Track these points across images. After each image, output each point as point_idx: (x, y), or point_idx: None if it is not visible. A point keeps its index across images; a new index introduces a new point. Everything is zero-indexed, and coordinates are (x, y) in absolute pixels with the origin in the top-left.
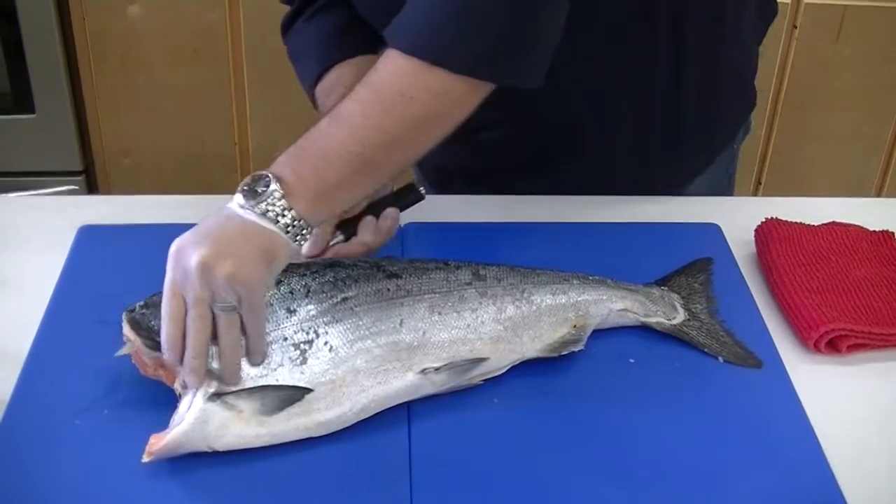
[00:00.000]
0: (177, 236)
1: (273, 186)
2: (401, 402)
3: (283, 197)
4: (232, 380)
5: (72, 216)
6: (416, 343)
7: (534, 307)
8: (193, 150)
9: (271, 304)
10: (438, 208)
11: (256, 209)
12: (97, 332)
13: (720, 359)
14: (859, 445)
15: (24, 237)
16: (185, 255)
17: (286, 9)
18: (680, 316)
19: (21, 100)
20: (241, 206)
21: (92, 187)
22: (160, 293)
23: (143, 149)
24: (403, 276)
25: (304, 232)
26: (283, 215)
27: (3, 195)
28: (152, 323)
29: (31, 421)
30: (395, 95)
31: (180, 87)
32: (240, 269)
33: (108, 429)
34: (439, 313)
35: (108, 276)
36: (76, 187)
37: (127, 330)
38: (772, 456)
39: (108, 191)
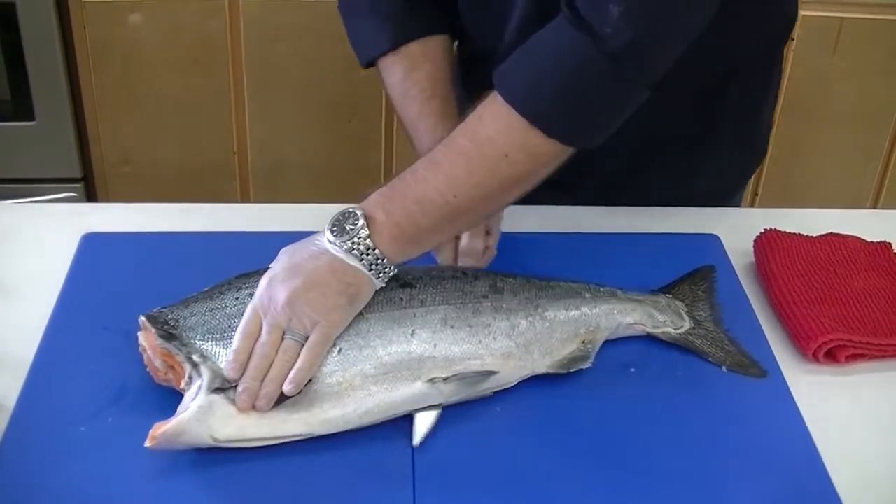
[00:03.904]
0: (181, 244)
1: (360, 224)
2: (407, 410)
3: (368, 236)
4: (262, 405)
5: (74, 224)
6: (426, 354)
7: (546, 323)
8: (192, 159)
9: None
10: None
11: (345, 245)
12: (102, 339)
13: (724, 368)
14: (858, 455)
15: (27, 244)
16: (275, 286)
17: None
18: (686, 325)
19: (21, 107)
20: (331, 242)
21: (91, 195)
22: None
23: (143, 157)
24: (417, 286)
25: (386, 270)
26: (368, 254)
27: (5, 202)
28: (169, 317)
29: (36, 428)
30: (499, 156)
31: (180, 95)
32: (323, 303)
33: (112, 436)
34: (451, 326)
35: (113, 284)
36: (75, 195)
37: (142, 339)
38: (771, 465)
39: (108, 199)
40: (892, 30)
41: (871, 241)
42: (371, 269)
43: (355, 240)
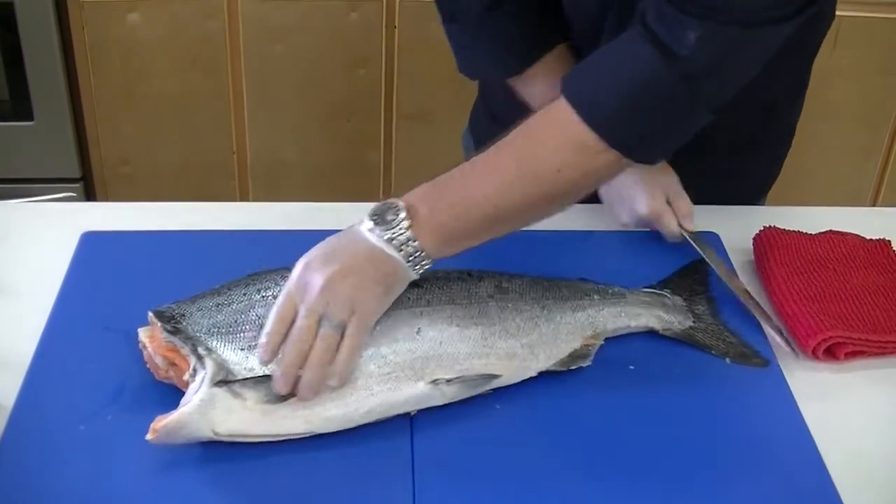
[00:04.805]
0: (180, 243)
1: (402, 216)
2: (408, 410)
3: (409, 228)
4: (305, 394)
5: (72, 223)
6: (431, 353)
7: (552, 324)
8: (191, 159)
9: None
10: None
11: (384, 236)
12: (101, 338)
13: (727, 360)
14: (857, 452)
15: (26, 244)
16: (311, 271)
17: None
18: (688, 320)
19: (20, 107)
20: (369, 230)
21: (90, 195)
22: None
23: (142, 157)
24: (424, 286)
25: (423, 263)
26: (407, 245)
27: (4, 202)
28: (175, 312)
29: (35, 427)
30: (552, 169)
31: (179, 95)
32: (360, 290)
33: (112, 434)
34: (457, 325)
35: (111, 283)
36: (74, 195)
37: (142, 336)
38: (770, 462)
39: (106, 199)
40: (890, 28)
41: (871, 239)
42: (409, 261)
43: (396, 230)
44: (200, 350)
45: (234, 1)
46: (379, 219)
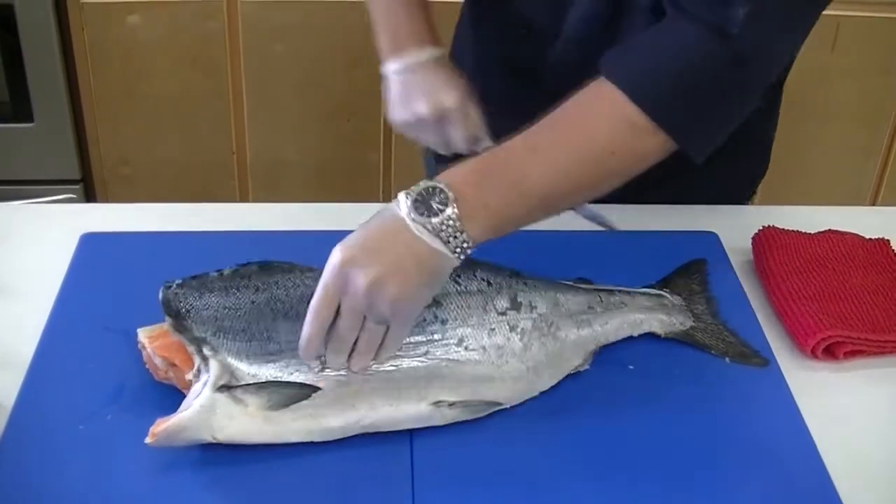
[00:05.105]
0: (179, 244)
1: (451, 205)
2: (408, 428)
3: (459, 219)
4: (360, 371)
5: (72, 224)
6: (436, 374)
7: (558, 343)
8: (191, 159)
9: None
10: None
11: (429, 226)
12: (100, 338)
13: (727, 359)
14: (857, 451)
15: (26, 245)
16: (352, 270)
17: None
18: (688, 320)
19: (20, 108)
20: (413, 220)
21: (90, 196)
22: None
23: (142, 157)
24: (443, 302)
25: (468, 251)
26: (456, 237)
27: (4, 203)
28: (182, 306)
29: (34, 427)
30: (604, 152)
31: (179, 95)
32: (406, 294)
33: (112, 434)
34: (466, 348)
35: (111, 284)
36: (74, 196)
37: (142, 336)
38: (769, 462)
39: (107, 200)
40: (890, 28)
41: (870, 238)
42: (455, 252)
43: (446, 222)
44: (206, 351)
45: (234, 1)
46: (422, 206)
